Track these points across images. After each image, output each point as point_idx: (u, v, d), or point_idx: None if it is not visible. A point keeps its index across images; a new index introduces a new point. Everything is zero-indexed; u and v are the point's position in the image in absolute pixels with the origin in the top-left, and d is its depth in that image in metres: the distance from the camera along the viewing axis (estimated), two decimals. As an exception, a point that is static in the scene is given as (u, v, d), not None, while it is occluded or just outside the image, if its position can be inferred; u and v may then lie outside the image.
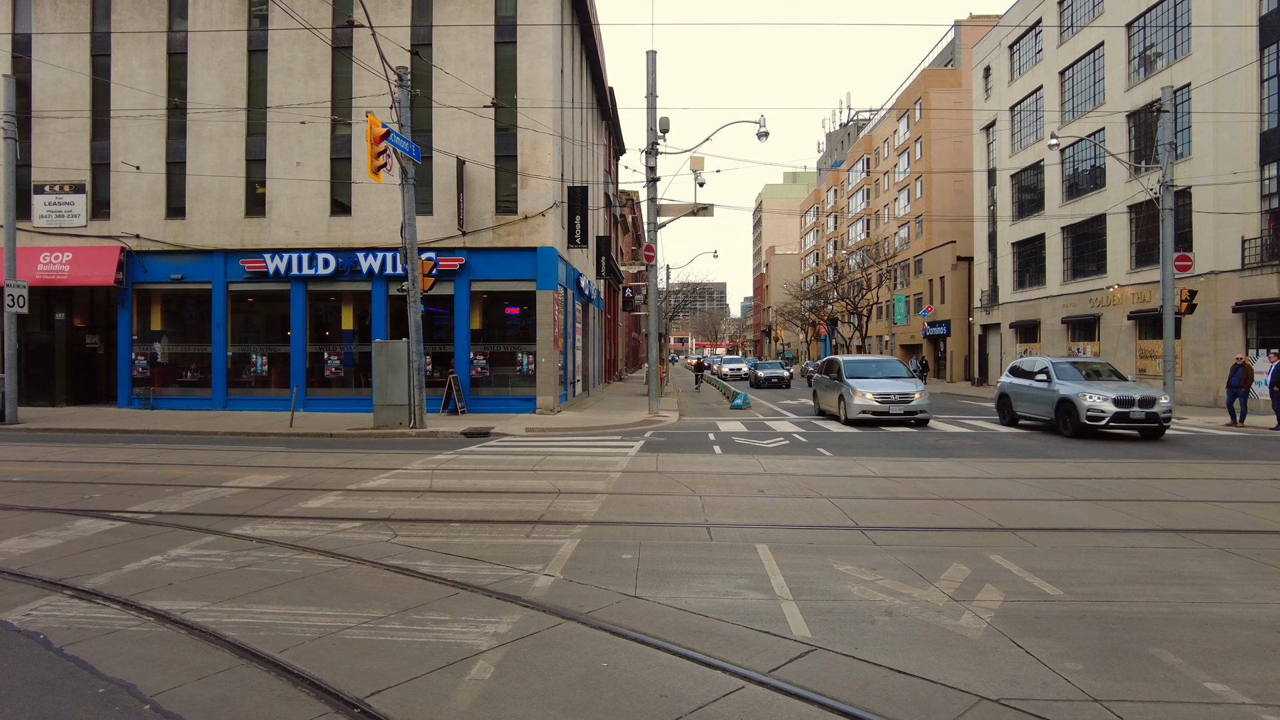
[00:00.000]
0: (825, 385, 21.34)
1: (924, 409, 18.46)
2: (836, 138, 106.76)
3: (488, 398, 21.94)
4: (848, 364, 20.36)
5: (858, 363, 20.69)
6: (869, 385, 18.72)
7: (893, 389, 18.46)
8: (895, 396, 18.29)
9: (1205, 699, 3.84)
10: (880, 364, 20.64)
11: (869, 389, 18.50)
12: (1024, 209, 39.36)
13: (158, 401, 22.75)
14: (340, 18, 21.42)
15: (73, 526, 7.66)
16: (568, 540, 7.05)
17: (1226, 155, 24.65)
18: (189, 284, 22.81)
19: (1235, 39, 24.30)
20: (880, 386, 18.62)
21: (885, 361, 21.04)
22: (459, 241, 21.69)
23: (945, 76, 57.47)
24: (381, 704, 3.76)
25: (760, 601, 5.33)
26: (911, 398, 18.35)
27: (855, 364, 20.51)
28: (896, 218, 62.62)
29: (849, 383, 19.03)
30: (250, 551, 6.67)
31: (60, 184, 22.90)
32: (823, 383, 21.80)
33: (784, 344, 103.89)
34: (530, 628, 4.80)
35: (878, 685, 3.97)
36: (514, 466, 11.85)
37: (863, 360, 21.11)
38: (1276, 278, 22.84)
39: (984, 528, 7.66)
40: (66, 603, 5.35)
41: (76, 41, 22.87)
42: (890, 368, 20.50)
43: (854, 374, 19.65)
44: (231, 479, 10.67)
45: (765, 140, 22.00)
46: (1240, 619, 5.01)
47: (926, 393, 18.85)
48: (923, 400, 18.47)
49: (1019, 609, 5.16)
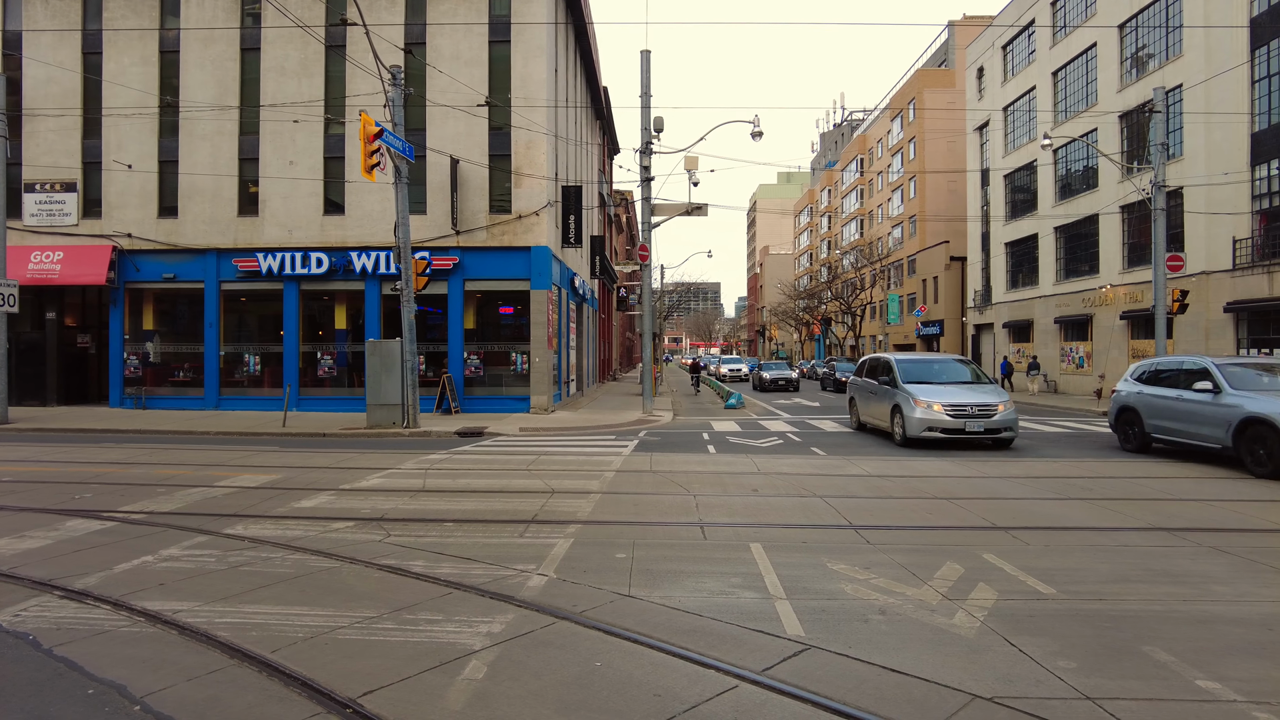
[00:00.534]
0: (869, 392, 17.04)
1: (1009, 425, 14.11)
2: (830, 138, 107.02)
3: (481, 397, 21.90)
4: (903, 365, 16.03)
5: (915, 363, 16.36)
6: (935, 394, 14.55)
7: (968, 399, 14.28)
8: (973, 409, 14.07)
9: (1197, 696, 3.86)
10: (943, 365, 16.50)
11: (936, 398, 14.35)
12: (1017, 209, 39.48)
13: (150, 401, 22.64)
14: (333, 16, 21.34)
15: (63, 527, 7.61)
16: (561, 540, 7.04)
17: (1218, 156, 24.77)
18: (181, 283, 22.71)
19: (1227, 40, 24.42)
20: (951, 395, 14.47)
21: (948, 362, 16.74)
22: (453, 241, 21.64)
23: (939, 77, 57.65)
24: (374, 704, 3.74)
25: (754, 600, 5.33)
26: (993, 410, 14.04)
27: (913, 365, 16.18)
28: (890, 218, 62.75)
29: (906, 390, 14.84)
30: (242, 551, 6.64)
31: (51, 182, 22.77)
32: (864, 389, 17.43)
33: (778, 344, 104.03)
34: (523, 627, 4.79)
35: (871, 684, 3.98)
36: (508, 466, 11.83)
37: (921, 360, 16.75)
38: (1267, 278, 22.96)
39: (978, 526, 7.67)
40: (56, 603, 5.31)
41: (68, 39, 22.75)
42: (955, 370, 16.33)
43: (912, 377, 15.45)
44: (224, 479, 10.62)
45: (759, 140, 21.94)
46: (1232, 617, 5.03)
47: (1012, 403, 14.51)
48: (1008, 414, 14.12)
49: (1012, 607, 5.17)
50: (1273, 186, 23.23)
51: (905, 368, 15.87)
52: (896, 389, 15.24)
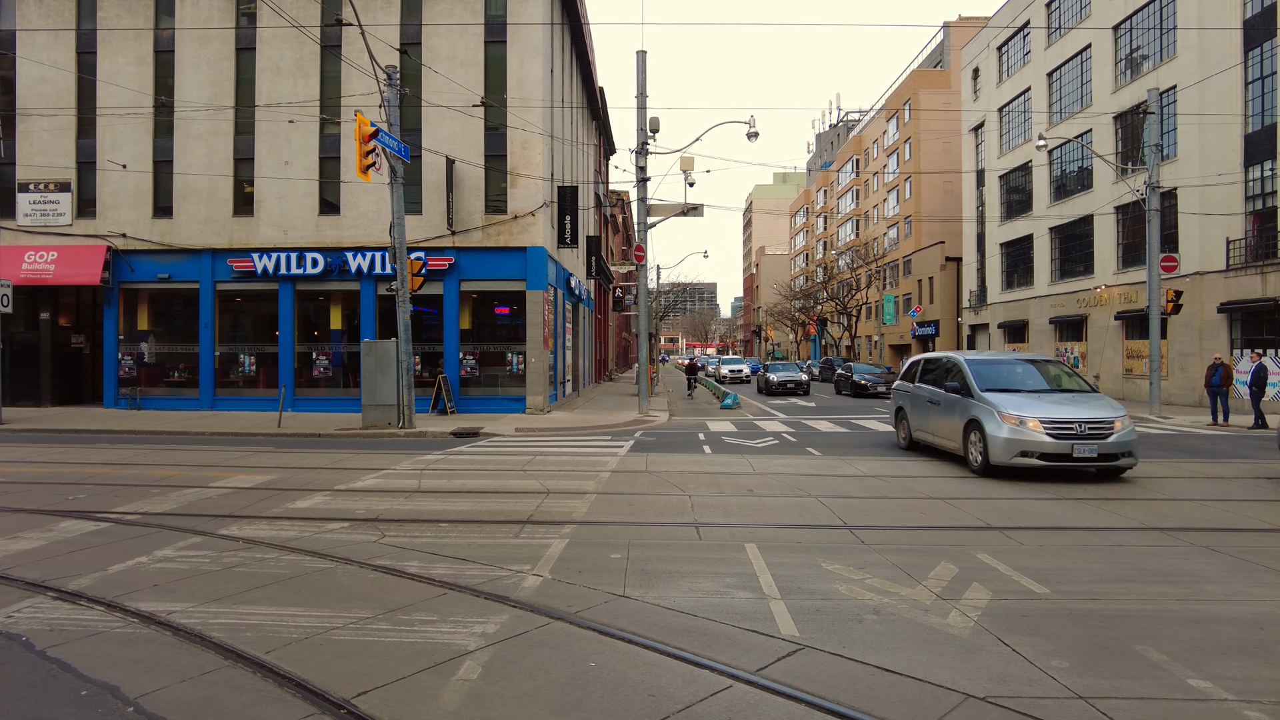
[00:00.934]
0: (927, 402, 13.16)
1: (1128, 448, 10.50)
2: (826, 138, 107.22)
3: (477, 398, 21.88)
4: (977, 366, 12.11)
5: (992, 365, 12.31)
6: (1027, 406, 10.74)
7: (1073, 412, 10.58)
8: (1083, 427, 10.34)
9: (1189, 695, 3.87)
10: (1026, 367, 12.37)
11: (1029, 411, 10.57)
12: (1012, 210, 39.59)
13: (144, 402, 22.57)
14: (329, 16, 21.30)
15: (57, 528, 7.59)
16: (556, 540, 7.04)
17: (1212, 157, 24.87)
18: (176, 283, 22.65)
19: (1220, 41, 24.52)
20: (1049, 408, 10.69)
21: (1033, 363, 12.61)
22: (448, 241, 21.62)
23: (934, 77, 57.77)
24: (368, 704, 3.74)
25: (748, 600, 5.34)
26: (1108, 428, 10.37)
27: (989, 367, 12.19)
28: (885, 218, 62.88)
29: (987, 400, 11.07)
30: (237, 552, 6.63)
31: (45, 182, 22.69)
32: (918, 398, 13.60)
33: (774, 344, 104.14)
34: (518, 628, 4.79)
35: (865, 684, 3.99)
36: (503, 467, 11.82)
37: (998, 361, 12.67)
38: (1260, 278, 23.06)
39: (972, 526, 7.70)
40: (50, 604, 5.30)
41: (62, 38, 22.67)
42: (1044, 374, 12.26)
43: (992, 383, 11.62)
44: (218, 479, 10.59)
45: (755, 141, 21.96)
46: (1224, 616, 5.05)
47: (1129, 419, 10.85)
48: (1125, 433, 10.47)
49: (1006, 607, 5.19)
50: (1266, 187, 23.34)
51: (980, 370, 12.00)
52: (971, 399, 11.46)
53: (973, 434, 11.28)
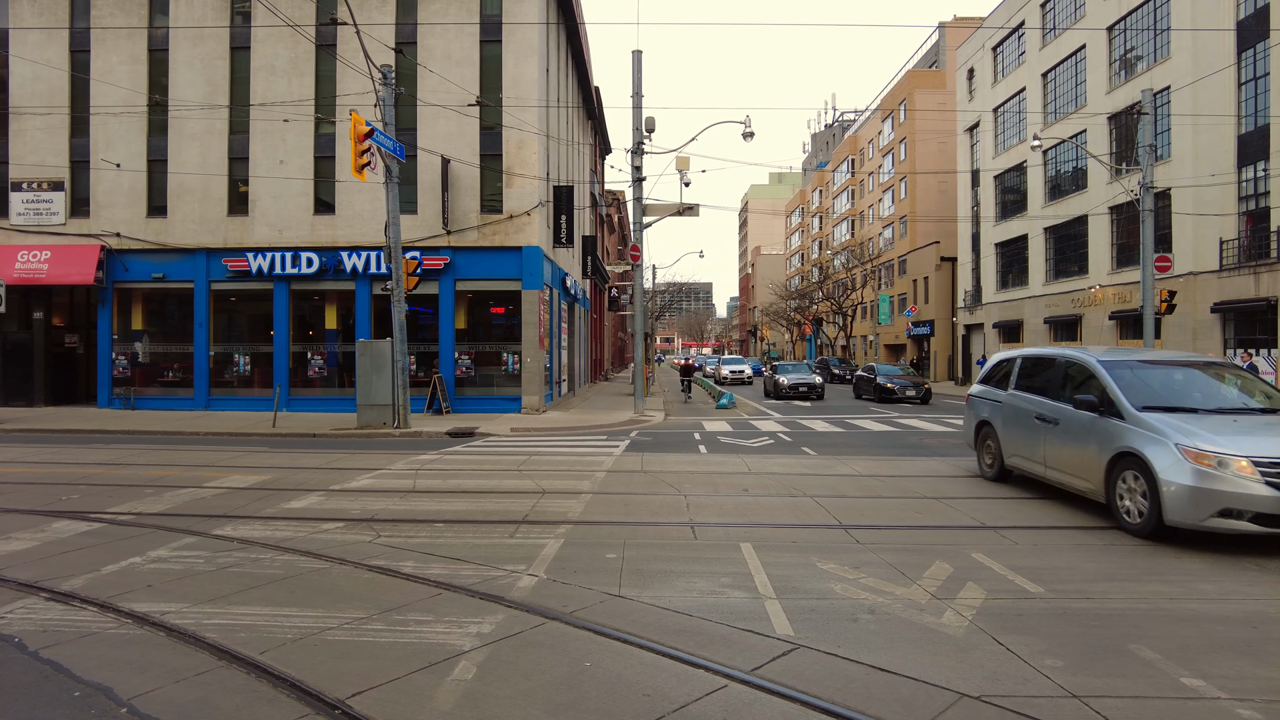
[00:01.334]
0: (1034, 419, 9.29)
1: None
2: (822, 138, 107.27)
3: (472, 398, 21.85)
4: (1118, 372, 8.25)
5: (1145, 370, 8.44)
6: (1222, 437, 6.87)
7: None
8: None
9: (1182, 694, 3.89)
10: (1191, 374, 8.57)
11: (1229, 446, 6.71)
12: (1007, 210, 39.69)
13: (139, 402, 22.49)
14: (324, 15, 21.26)
15: (50, 528, 7.56)
16: (552, 540, 7.04)
17: (1205, 157, 24.96)
18: (171, 283, 22.58)
19: (1214, 42, 24.61)
20: (1257, 440, 6.82)
21: (1195, 367, 8.73)
22: (444, 241, 21.59)
23: (929, 78, 57.85)
24: (363, 705, 3.74)
25: (744, 600, 5.34)
26: None
27: (1141, 372, 8.37)
28: (881, 218, 62.97)
29: (1148, 424, 7.35)
30: (231, 552, 6.61)
31: (39, 181, 22.60)
32: (1020, 414, 9.71)
33: (769, 344, 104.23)
34: (513, 628, 4.78)
35: (860, 683, 3.99)
36: (498, 467, 11.81)
37: (1150, 363, 8.68)
38: (1254, 278, 23.15)
39: (967, 525, 7.71)
40: (43, 605, 5.27)
41: (55, 37, 22.58)
42: (1223, 384, 8.48)
43: (1150, 397, 7.88)
44: (213, 480, 10.56)
45: (751, 140, 22.01)
46: (1217, 615, 5.08)
47: None
48: None
49: (1000, 606, 5.20)
50: (1259, 188, 23.42)
51: (1128, 378, 8.16)
52: (1120, 420, 7.71)
53: (1127, 474, 7.47)
